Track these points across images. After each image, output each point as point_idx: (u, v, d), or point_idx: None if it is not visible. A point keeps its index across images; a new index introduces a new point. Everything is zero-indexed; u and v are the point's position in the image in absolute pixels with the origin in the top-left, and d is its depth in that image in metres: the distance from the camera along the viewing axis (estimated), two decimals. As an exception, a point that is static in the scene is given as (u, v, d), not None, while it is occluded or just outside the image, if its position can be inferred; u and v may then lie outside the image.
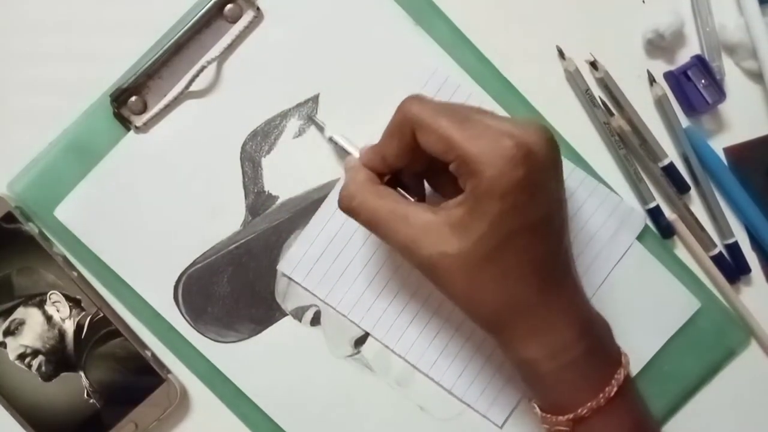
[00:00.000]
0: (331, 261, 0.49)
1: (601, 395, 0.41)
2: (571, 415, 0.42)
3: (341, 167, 0.48)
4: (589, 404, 0.41)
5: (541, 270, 0.40)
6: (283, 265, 0.49)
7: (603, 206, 0.49)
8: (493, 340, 0.43)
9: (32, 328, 0.49)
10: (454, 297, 0.41)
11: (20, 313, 0.48)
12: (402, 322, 0.49)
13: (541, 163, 0.39)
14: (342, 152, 0.47)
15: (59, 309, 0.48)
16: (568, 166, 0.48)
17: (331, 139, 0.48)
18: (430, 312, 0.49)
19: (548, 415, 0.43)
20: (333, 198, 0.48)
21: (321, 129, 0.48)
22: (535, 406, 0.44)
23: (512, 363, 0.44)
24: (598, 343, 0.43)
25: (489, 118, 0.40)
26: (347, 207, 0.42)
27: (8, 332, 0.48)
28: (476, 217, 0.39)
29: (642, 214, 0.49)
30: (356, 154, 0.46)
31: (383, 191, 0.42)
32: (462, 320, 0.48)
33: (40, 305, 0.48)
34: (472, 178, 0.38)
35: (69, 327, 0.48)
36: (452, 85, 0.48)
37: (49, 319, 0.48)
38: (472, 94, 0.48)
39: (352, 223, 0.47)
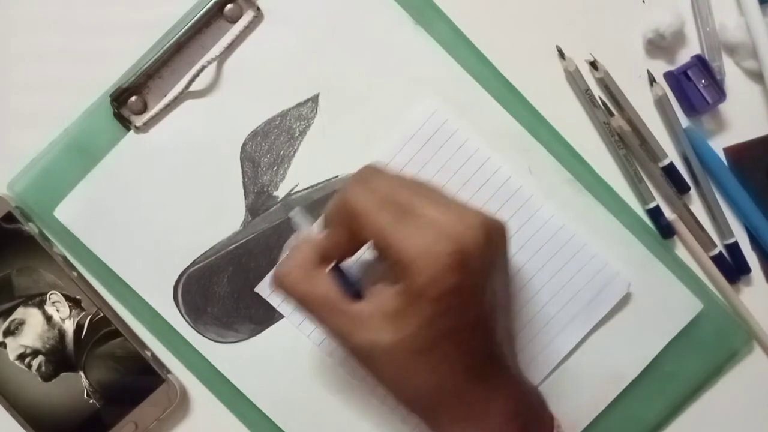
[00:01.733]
0: None
1: None
2: None
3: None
4: None
5: (472, 363, 0.40)
6: (261, 287, 0.49)
7: (587, 268, 0.49)
8: (425, 427, 0.42)
9: (32, 328, 0.49)
10: (384, 383, 0.41)
11: (20, 313, 0.48)
12: None
13: (476, 269, 0.38)
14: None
15: (59, 309, 0.48)
16: (556, 224, 0.48)
17: (291, 219, 0.47)
18: None
19: None
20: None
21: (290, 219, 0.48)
22: None
23: None
24: (528, 424, 0.42)
25: (433, 209, 0.39)
26: (277, 285, 0.42)
27: (8, 332, 0.48)
28: (408, 314, 0.38)
29: (626, 281, 0.49)
30: (304, 229, 0.45)
31: (318, 276, 0.41)
32: None
33: (40, 305, 0.48)
34: (406, 278, 0.38)
35: (69, 327, 0.48)
36: (449, 130, 0.48)
37: (49, 319, 0.48)
38: (469, 140, 0.48)
39: None
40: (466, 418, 0.41)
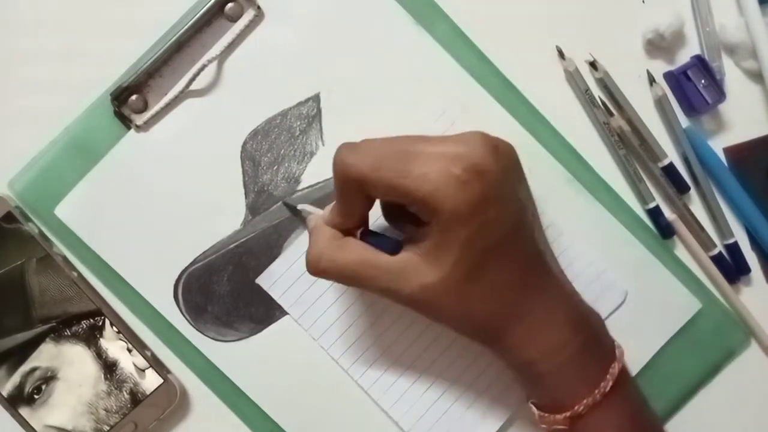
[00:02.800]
0: (309, 283, 0.49)
1: (596, 391, 0.42)
2: (568, 413, 0.42)
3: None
4: (585, 401, 0.41)
5: (523, 276, 0.41)
6: (262, 279, 0.49)
7: (584, 276, 0.49)
8: (490, 352, 0.43)
9: (72, 390, 0.48)
10: (444, 322, 0.42)
11: (47, 354, 0.48)
12: (369, 355, 0.49)
13: (493, 176, 0.39)
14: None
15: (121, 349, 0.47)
16: (554, 232, 0.49)
17: (300, 212, 0.47)
18: (398, 351, 0.49)
19: (546, 415, 0.43)
20: None
21: (294, 210, 0.48)
22: (533, 406, 0.44)
23: (511, 368, 0.44)
24: (592, 338, 0.43)
25: (430, 145, 0.39)
26: (316, 269, 0.42)
27: (28, 398, 0.47)
28: (446, 245, 0.39)
29: (623, 289, 0.49)
30: (317, 213, 0.45)
31: (349, 244, 0.42)
32: (431, 363, 0.49)
33: (88, 338, 0.47)
34: (433, 215, 0.38)
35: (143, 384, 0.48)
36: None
37: (109, 368, 0.48)
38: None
39: None
40: (530, 335, 0.41)
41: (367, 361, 0.49)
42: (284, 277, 0.49)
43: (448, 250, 0.39)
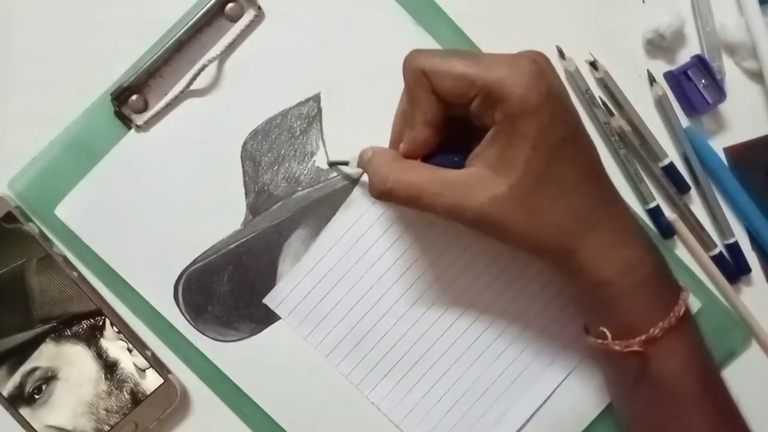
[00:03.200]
0: (316, 302, 0.49)
1: (671, 314, 0.40)
2: (643, 337, 0.40)
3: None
4: (660, 324, 0.40)
5: (595, 179, 0.40)
6: (269, 299, 0.49)
7: None
8: (562, 274, 0.42)
9: (73, 389, 0.48)
10: (516, 238, 0.40)
11: (48, 354, 0.48)
12: (379, 371, 0.49)
13: (556, 76, 0.39)
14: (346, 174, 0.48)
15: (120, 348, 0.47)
16: None
17: (347, 163, 0.48)
18: (406, 366, 0.49)
19: (619, 341, 0.41)
20: (326, 237, 0.49)
21: (335, 164, 0.49)
22: (605, 331, 0.41)
23: (583, 291, 0.42)
24: (662, 259, 0.42)
25: (494, 54, 0.40)
26: (381, 191, 0.41)
27: (28, 398, 0.47)
28: (516, 144, 0.38)
29: None
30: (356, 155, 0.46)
31: (413, 164, 0.42)
32: (441, 377, 0.49)
33: (89, 338, 0.48)
34: (501, 104, 0.38)
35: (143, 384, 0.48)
36: None
37: (109, 368, 0.48)
38: None
39: (343, 266, 0.48)
40: (606, 250, 0.40)
41: (376, 377, 0.49)
42: (291, 296, 0.49)
43: (518, 149, 0.38)
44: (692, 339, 0.42)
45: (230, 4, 0.48)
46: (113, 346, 0.48)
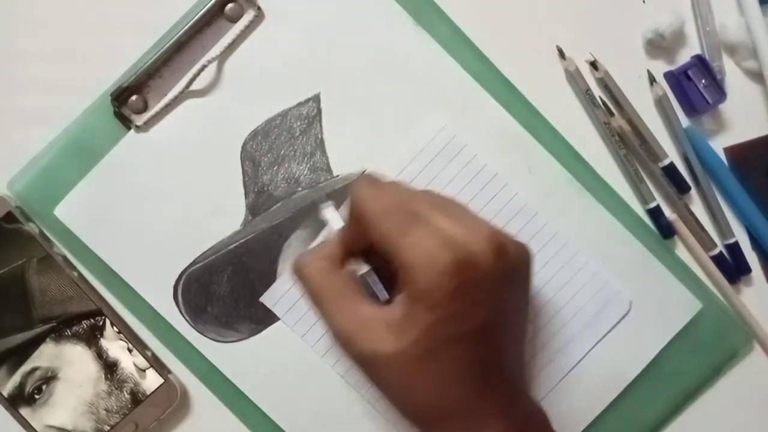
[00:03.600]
0: None
1: None
2: None
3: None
4: None
5: (475, 376, 0.39)
6: (266, 298, 0.49)
7: (589, 285, 0.49)
8: None
9: (73, 390, 0.48)
10: (384, 393, 0.41)
11: (48, 354, 0.48)
12: None
13: (481, 273, 0.38)
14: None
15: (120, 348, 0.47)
16: (560, 241, 0.49)
17: (321, 211, 0.47)
18: None
19: None
20: (325, 237, 0.49)
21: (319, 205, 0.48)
22: None
23: None
24: None
25: (441, 218, 0.38)
26: (298, 272, 0.42)
27: (29, 397, 0.47)
28: (410, 322, 0.38)
29: (627, 299, 0.49)
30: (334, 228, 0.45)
31: (337, 275, 0.41)
32: None
33: (88, 338, 0.48)
34: (407, 285, 0.38)
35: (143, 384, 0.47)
36: (457, 145, 0.48)
37: (109, 368, 0.48)
38: (477, 155, 0.48)
39: None
40: None
41: None
42: (288, 295, 0.49)
43: (411, 327, 0.38)
44: None
45: (230, 5, 0.48)
46: (113, 346, 0.48)
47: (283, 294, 0.49)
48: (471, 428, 0.40)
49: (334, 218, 0.46)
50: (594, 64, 0.49)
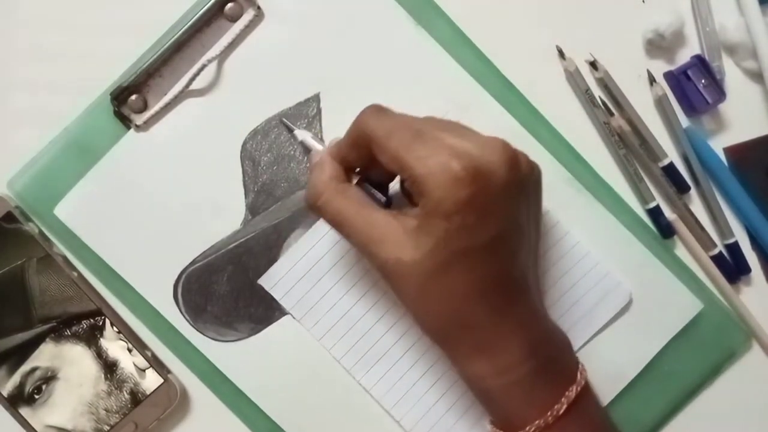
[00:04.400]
0: (311, 284, 0.49)
1: (549, 414, 0.41)
2: None
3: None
4: (536, 422, 0.41)
5: (489, 290, 0.40)
6: (264, 280, 0.49)
7: (590, 275, 0.49)
8: (441, 352, 0.43)
9: (73, 390, 0.48)
10: (405, 303, 0.41)
11: (47, 354, 0.48)
12: (371, 356, 0.49)
13: (494, 184, 0.38)
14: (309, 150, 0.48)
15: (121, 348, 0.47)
16: (561, 231, 0.49)
17: (301, 142, 0.48)
18: (400, 351, 0.49)
19: (498, 431, 0.43)
20: (323, 221, 0.48)
21: (290, 130, 0.48)
22: (487, 421, 0.44)
23: (459, 376, 0.43)
24: (547, 363, 0.42)
25: (449, 135, 0.39)
26: (313, 205, 0.42)
27: (28, 397, 0.47)
28: (425, 232, 0.38)
29: (628, 290, 0.49)
30: (320, 148, 0.46)
31: (349, 191, 0.42)
32: (433, 363, 0.49)
33: (89, 339, 0.48)
34: (421, 197, 0.38)
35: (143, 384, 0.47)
36: None
37: (109, 368, 0.48)
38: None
39: (338, 250, 0.48)
40: (480, 350, 0.41)
41: (369, 362, 0.49)
42: (286, 278, 0.49)
43: (426, 237, 0.38)
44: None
45: (230, 4, 0.48)
46: (113, 346, 0.48)
47: (281, 277, 0.49)
48: (487, 342, 0.41)
49: (313, 143, 0.47)
50: (594, 64, 0.49)
